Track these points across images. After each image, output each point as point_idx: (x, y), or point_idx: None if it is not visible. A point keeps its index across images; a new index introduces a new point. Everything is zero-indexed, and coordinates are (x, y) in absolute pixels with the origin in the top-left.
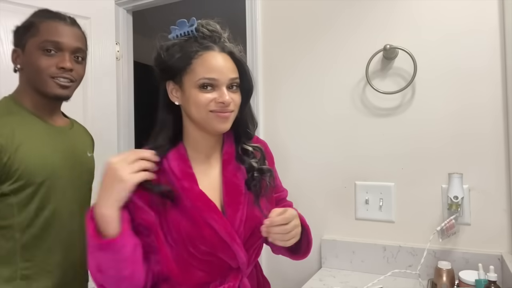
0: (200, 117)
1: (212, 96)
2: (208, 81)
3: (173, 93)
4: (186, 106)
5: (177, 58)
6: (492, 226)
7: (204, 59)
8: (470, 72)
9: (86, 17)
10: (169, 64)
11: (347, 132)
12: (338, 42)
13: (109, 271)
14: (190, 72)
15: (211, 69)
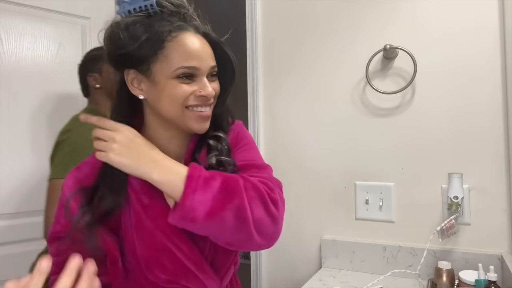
0: (174, 114)
1: (191, 89)
2: (188, 71)
3: (134, 84)
4: (155, 100)
5: (144, 41)
6: (492, 226)
7: (180, 43)
8: (470, 72)
9: (86, 17)
10: (133, 48)
11: (347, 132)
12: (338, 42)
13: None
14: (164, 59)
15: (190, 55)
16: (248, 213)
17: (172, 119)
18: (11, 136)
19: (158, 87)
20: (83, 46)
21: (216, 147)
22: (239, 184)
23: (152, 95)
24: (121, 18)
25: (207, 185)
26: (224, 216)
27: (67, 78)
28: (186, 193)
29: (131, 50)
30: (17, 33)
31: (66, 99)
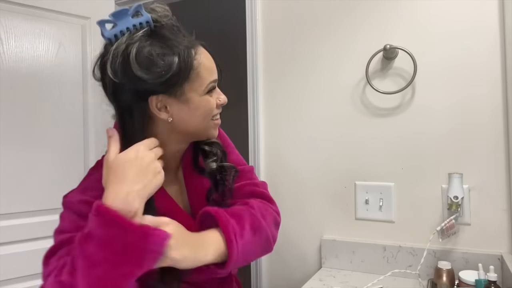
0: (203, 126)
1: (214, 99)
2: (214, 84)
3: (158, 107)
4: (186, 118)
5: (178, 65)
6: (492, 226)
7: (202, 60)
8: (470, 72)
9: (86, 17)
10: (168, 76)
11: (347, 132)
12: (338, 42)
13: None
14: (195, 77)
15: (212, 69)
16: (271, 240)
17: (197, 132)
18: (11, 136)
19: (191, 105)
20: (83, 46)
21: (212, 152)
22: (261, 221)
23: (183, 114)
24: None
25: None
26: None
27: (67, 78)
28: (231, 258)
29: (170, 76)
30: (17, 33)
31: (66, 99)
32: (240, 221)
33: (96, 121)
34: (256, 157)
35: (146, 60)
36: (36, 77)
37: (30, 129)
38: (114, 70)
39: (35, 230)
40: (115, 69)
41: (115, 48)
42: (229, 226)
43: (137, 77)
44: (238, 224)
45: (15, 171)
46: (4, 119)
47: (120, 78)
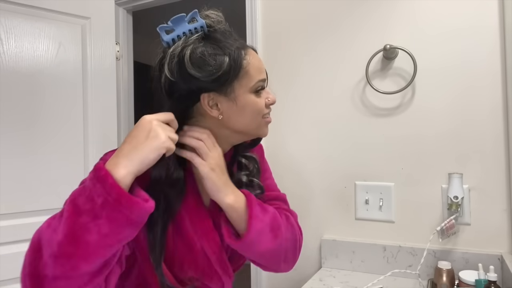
0: (254, 124)
1: (263, 99)
2: (262, 83)
3: (210, 105)
4: (235, 116)
5: (228, 64)
6: (492, 226)
7: (251, 60)
8: (470, 72)
9: (86, 17)
10: (219, 74)
11: (347, 132)
12: (338, 42)
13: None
14: (244, 75)
15: (261, 69)
16: (282, 254)
17: (250, 130)
18: (11, 135)
19: (239, 103)
20: (83, 46)
21: (247, 167)
22: (281, 227)
23: (232, 112)
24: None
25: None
26: (267, 253)
27: (67, 78)
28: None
29: (221, 73)
30: (17, 33)
31: (66, 99)
32: (263, 212)
33: (96, 121)
34: None
35: (199, 59)
36: (36, 77)
37: (30, 129)
38: (171, 69)
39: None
40: (172, 69)
41: (172, 50)
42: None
43: (190, 75)
44: (261, 211)
45: (15, 171)
46: (4, 119)
47: (176, 77)
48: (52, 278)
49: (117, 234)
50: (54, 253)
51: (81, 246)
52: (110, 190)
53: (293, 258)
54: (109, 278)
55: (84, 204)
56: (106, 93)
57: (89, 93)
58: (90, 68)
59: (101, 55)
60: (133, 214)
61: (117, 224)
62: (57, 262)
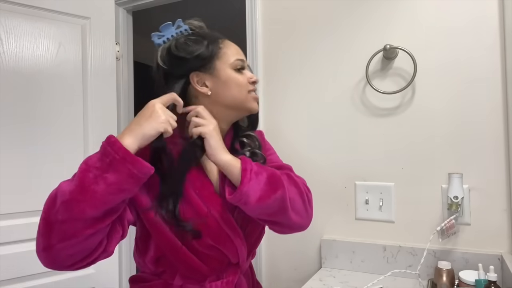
0: (240, 97)
1: (245, 77)
2: (241, 63)
3: (198, 84)
4: (223, 91)
5: (206, 45)
6: (492, 226)
7: (227, 44)
8: (471, 72)
9: (86, 17)
10: (199, 52)
11: (347, 132)
12: (338, 42)
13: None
14: (223, 55)
15: (238, 52)
16: (288, 204)
17: (238, 104)
18: (11, 135)
19: (222, 78)
20: (83, 46)
21: (249, 144)
22: (281, 179)
23: (218, 87)
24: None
25: (257, 178)
26: (269, 203)
27: (67, 78)
28: (243, 182)
29: (202, 52)
30: (17, 33)
31: (66, 99)
32: (260, 168)
33: (96, 121)
34: None
35: (183, 44)
36: (36, 77)
37: (30, 128)
38: (163, 59)
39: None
40: (163, 59)
41: (162, 48)
42: (249, 163)
43: (177, 58)
44: (258, 167)
45: (15, 171)
46: (4, 118)
47: (167, 64)
48: (61, 222)
49: (120, 185)
50: (66, 200)
51: (89, 194)
52: (118, 150)
53: (303, 209)
54: (111, 235)
55: (95, 163)
56: (106, 93)
57: (89, 93)
58: (90, 68)
59: (101, 55)
60: (135, 168)
61: (122, 176)
62: (67, 207)
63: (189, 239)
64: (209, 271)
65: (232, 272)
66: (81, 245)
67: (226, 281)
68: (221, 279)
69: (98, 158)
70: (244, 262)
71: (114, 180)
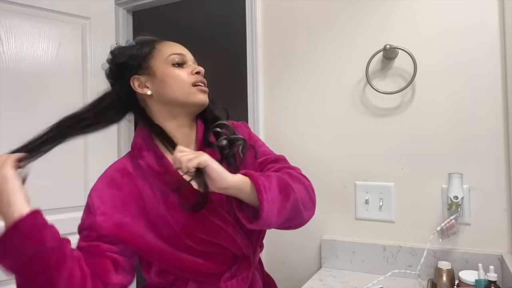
0: (183, 92)
1: (186, 71)
2: (177, 57)
3: (140, 86)
4: (162, 89)
5: (139, 47)
6: (492, 226)
7: (164, 44)
8: (470, 72)
9: (86, 17)
10: (133, 54)
11: (347, 132)
12: (338, 42)
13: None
14: (157, 53)
15: (176, 47)
16: (300, 205)
17: (181, 99)
18: (11, 135)
19: (158, 76)
20: (83, 46)
21: (224, 133)
22: (289, 182)
23: (158, 86)
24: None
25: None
26: (285, 214)
27: (67, 78)
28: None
29: (132, 56)
30: (17, 33)
31: (66, 99)
32: (268, 178)
33: None
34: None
35: (117, 52)
36: (36, 77)
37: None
38: (107, 75)
39: None
40: (107, 74)
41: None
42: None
43: (116, 65)
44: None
45: None
46: (4, 118)
47: (111, 77)
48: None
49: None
50: None
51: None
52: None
53: (312, 203)
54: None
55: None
56: None
57: (89, 93)
58: (90, 68)
59: (101, 55)
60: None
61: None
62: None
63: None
64: (218, 269)
65: (245, 268)
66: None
67: (241, 278)
68: (235, 277)
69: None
70: (251, 255)
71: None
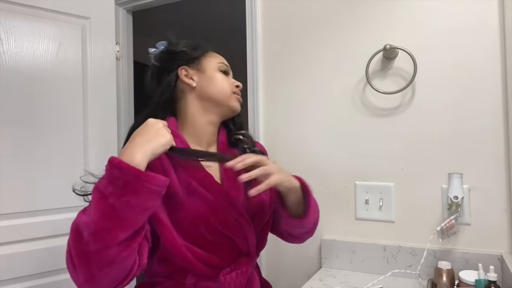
0: (224, 93)
1: (230, 80)
2: (225, 67)
3: (187, 77)
4: (207, 84)
5: (195, 46)
6: (492, 226)
7: (214, 53)
8: (471, 72)
9: (86, 17)
10: (189, 50)
11: (347, 132)
12: (338, 42)
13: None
14: (209, 57)
15: (224, 60)
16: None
17: (220, 99)
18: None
19: (207, 74)
20: (83, 46)
21: (245, 142)
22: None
23: (203, 81)
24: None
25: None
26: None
27: (67, 78)
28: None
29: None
30: (17, 33)
31: (66, 99)
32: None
33: (96, 120)
34: None
35: (175, 42)
36: (36, 77)
37: (29, 128)
38: (156, 58)
39: (35, 230)
40: (156, 58)
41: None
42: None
43: (169, 53)
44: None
45: (14, 171)
46: (4, 118)
47: (159, 61)
48: (95, 251)
49: (143, 204)
50: (93, 231)
51: (116, 219)
52: (128, 172)
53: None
54: (141, 250)
55: (106, 188)
56: (106, 93)
57: (89, 93)
58: (90, 68)
59: (101, 55)
60: (153, 185)
61: (142, 195)
62: (97, 237)
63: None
64: (219, 263)
65: (245, 263)
66: (120, 268)
67: (240, 272)
68: (234, 271)
69: (108, 182)
70: (254, 252)
71: (136, 202)
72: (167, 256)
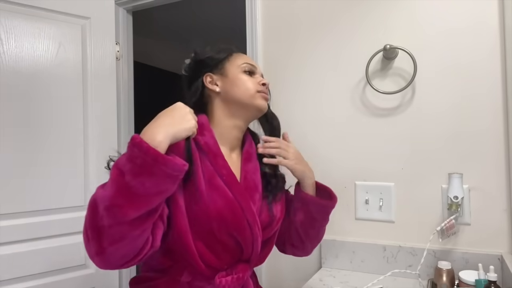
0: (248, 94)
1: (254, 80)
2: (250, 67)
3: (210, 83)
4: (230, 88)
5: (219, 51)
6: (492, 226)
7: (239, 54)
8: (470, 72)
9: (86, 17)
10: (212, 55)
11: (347, 132)
12: (338, 42)
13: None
14: (233, 60)
15: (248, 59)
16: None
17: (245, 100)
18: (10, 135)
19: (230, 77)
20: (83, 46)
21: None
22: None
23: (227, 86)
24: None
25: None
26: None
27: (67, 78)
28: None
29: (211, 57)
30: (17, 33)
31: (66, 99)
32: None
33: (96, 120)
34: None
35: (200, 50)
36: (36, 77)
37: (29, 129)
38: (185, 69)
39: (35, 230)
40: (185, 68)
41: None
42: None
43: (195, 62)
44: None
45: (15, 171)
46: (4, 119)
47: (188, 71)
48: (108, 227)
49: (159, 187)
50: (107, 206)
51: (129, 198)
52: (146, 152)
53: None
54: (154, 232)
55: (124, 166)
56: (106, 93)
57: (89, 93)
58: (90, 68)
59: (101, 55)
60: (169, 168)
61: (158, 178)
62: (110, 213)
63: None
64: (218, 265)
65: (242, 269)
66: (131, 245)
67: (236, 277)
68: (231, 275)
69: (127, 160)
70: (254, 260)
71: (151, 184)
72: (171, 246)
